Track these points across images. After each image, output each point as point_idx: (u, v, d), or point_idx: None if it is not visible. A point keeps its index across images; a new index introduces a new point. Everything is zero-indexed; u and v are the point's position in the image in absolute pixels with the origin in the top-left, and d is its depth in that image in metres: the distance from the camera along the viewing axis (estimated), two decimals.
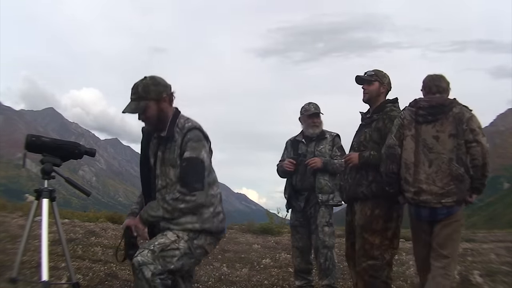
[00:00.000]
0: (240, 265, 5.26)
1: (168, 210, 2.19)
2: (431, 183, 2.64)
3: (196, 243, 2.29)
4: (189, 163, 2.22)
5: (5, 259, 3.99)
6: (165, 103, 2.32)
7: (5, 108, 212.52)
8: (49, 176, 2.29)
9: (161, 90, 2.31)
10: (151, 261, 2.14)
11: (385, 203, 2.88)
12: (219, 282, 4.16)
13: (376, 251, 2.85)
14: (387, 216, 2.88)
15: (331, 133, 3.85)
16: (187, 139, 2.26)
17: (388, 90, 3.12)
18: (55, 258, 4.11)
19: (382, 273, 2.85)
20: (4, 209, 8.92)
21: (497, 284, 4.29)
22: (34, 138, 2.31)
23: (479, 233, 11.89)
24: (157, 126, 2.34)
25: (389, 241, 2.88)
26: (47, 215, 2.20)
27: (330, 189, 3.69)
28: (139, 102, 2.28)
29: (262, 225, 12.31)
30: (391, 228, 2.90)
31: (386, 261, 2.87)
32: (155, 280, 2.13)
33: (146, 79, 2.32)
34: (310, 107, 3.82)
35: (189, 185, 2.19)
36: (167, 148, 2.31)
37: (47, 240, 2.13)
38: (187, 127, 2.30)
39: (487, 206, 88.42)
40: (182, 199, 2.18)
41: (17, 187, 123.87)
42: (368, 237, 2.88)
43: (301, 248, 3.78)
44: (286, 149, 4.01)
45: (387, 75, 3.13)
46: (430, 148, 2.68)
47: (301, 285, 3.76)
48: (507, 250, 6.72)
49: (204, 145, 2.31)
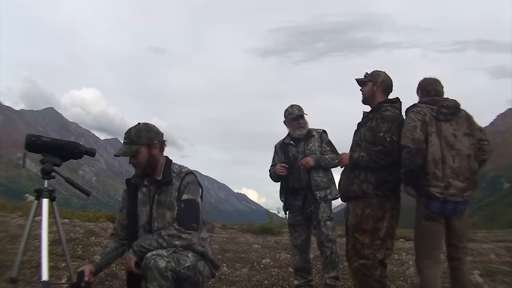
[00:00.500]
0: (240, 265, 5.26)
1: (162, 246, 2.22)
2: (455, 178, 2.79)
3: (199, 266, 2.35)
4: (187, 204, 2.32)
5: (5, 259, 3.99)
6: (155, 150, 2.43)
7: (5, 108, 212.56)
8: (49, 176, 2.29)
9: (153, 137, 2.43)
10: (166, 256, 2.17)
11: (376, 203, 2.87)
12: (219, 282, 4.16)
13: (367, 251, 2.86)
14: (377, 216, 2.86)
15: (317, 130, 3.89)
16: (185, 183, 2.38)
17: (384, 88, 3.07)
18: (55, 258, 4.11)
19: (374, 272, 2.84)
20: (4, 209, 8.93)
21: (497, 284, 4.29)
22: (34, 138, 2.31)
23: (479, 233, 11.88)
24: (146, 171, 2.43)
25: (381, 241, 2.86)
26: (47, 215, 2.20)
27: (326, 184, 3.72)
28: (130, 146, 2.39)
29: (262, 225, 12.31)
30: (383, 228, 2.86)
31: (378, 261, 2.86)
32: (167, 271, 2.13)
33: (140, 125, 2.45)
34: (293, 110, 3.85)
35: (186, 224, 2.26)
36: (163, 191, 2.40)
37: (47, 240, 2.13)
38: (185, 172, 2.44)
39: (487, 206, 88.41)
40: (178, 236, 2.23)
41: (17, 187, 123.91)
42: (359, 237, 2.90)
43: (299, 246, 3.79)
44: (276, 153, 4.02)
45: (383, 73, 3.10)
46: (452, 145, 2.84)
47: (300, 284, 3.76)
48: (507, 250, 6.72)
49: (199, 190, 2.45)
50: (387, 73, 3.13)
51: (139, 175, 2.47)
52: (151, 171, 2.43)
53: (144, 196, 2.45)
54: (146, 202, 2.43)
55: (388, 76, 3.12)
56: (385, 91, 3.09)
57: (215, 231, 12.17)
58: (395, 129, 2.86)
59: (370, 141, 2.93)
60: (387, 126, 2.87)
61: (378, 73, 3.10)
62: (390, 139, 2.83)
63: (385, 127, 2.87)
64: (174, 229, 2.25)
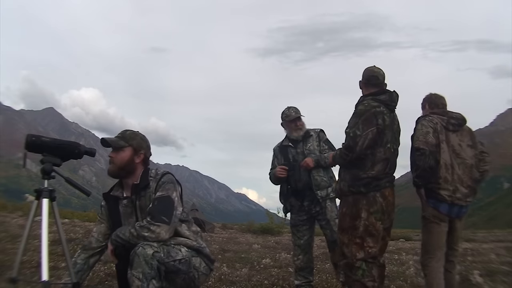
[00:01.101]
0: (240, 265, 5.27)
1: (133, 235, 2.24)
2: (461, 184, 3.02)
3: (194, 261, 2.37)
4: (159, 199, 2.33)
5: (5, 259, 3.99)
6: (138, 158, 2.47)
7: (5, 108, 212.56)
8: (49, 176, 2.28)
9: (143, 147, 2.50)
10: (155, 246, 2.19)
11: (351, 200, 2.87)
12: (219, 282, 4.16)
13: (346, 249, 2.86)
14: (353, 214, 2.84)
15: (315, 130, 3.89)
16: (161, 182, 2.40)
17: (365, 82, 3.04)
18: (55, 258, 4.11)
19: (356, 271, 2.80)
20: (4, 209, 8.93)
21: (497, 284, 4.29)
22: (34, 138, 2.30)
23: (479, 233, 11.89)
24: (119, 172, 2.45)
25: (359, 239, 2.81)
26: (47, 215, 2.19)
27: (327, 183, 3.71)
28: (120, 140, 2.45)
29: (262, 225, 12.32)
30: (360, 226, 2.82)
31: (358, 260, 2.80)
32: (153, 260, 2.14)
33: (138, 132, 2.53)
34: (290, 112, 3.85)
35: (156, 216, 2.26)
36: (142, 195, 2.42)
37: (47, 240, 2.13)
38: (161, 173, 2.47)
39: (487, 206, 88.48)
40: (147, 228, 2.23)
41: (17, 187, 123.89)
42: (339, 235, 2.95)
43: (303, 247, 3.78)
44: (275, 156, 4.01)
45: (368, 67, 3.07)
46: (458, 153, 3.07)
47: (301, 284, 3.76)
48: (507, 250, 6.73)
49: (176, 188, 2.43)
50: (380, 69, 3.06)
51: (111, 173, 2.48)
52: (123, 175, 2.46)
53: (127, 208, 2.46)
54: (131, 213, 2.44)
55: (371, 68, 3.06)
56: (367, 84, 3.05)
57: (215, 231, 12.18)
58: (362, 123, 2.81)
59: (347, 133, 2.96)
60: (354, 121, 2.86)
61: (364, 69, 3.10)
62: (353, 134, 2.81)
63: (352, 122, 2.87)
64: (145, 221, 2.26)
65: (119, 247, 2.27)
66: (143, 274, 2.11)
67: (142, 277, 2.11)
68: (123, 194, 2.49)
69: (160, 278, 2.19)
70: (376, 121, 2.81)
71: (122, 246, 2.27)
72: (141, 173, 2.46)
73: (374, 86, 3.00)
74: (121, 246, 2.27)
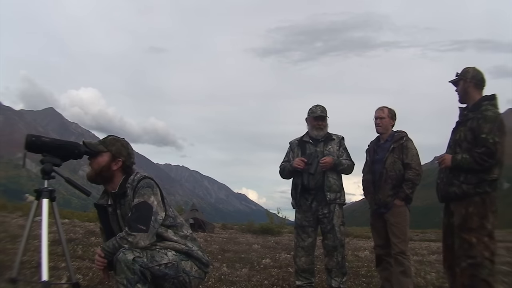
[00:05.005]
0: (240, 265, 5.27)
1: (116, 248, 2.23)
2: None
3: (183, 265, 2.33)
4: (136, 207, 2.28)
5: (5, 259, 3.98)
6: (115, 165, 2.42)
7: (5, 108, 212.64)
8: (49, 176, 2.28)
9: (123, 154, 2.44)
10: (138, 252, 2.18)
11: (478, 200, 2.88)
12: (219, 282, 4.16)
13: (475, 250, 2.83)
14: (481, 213, 2.86)
15: (338, 135, 3.93)
16: (137, 189, 2.34)
17: (475, 83, 3.03)
18: (55, 258, 4.11)
19: (483, 271, 2.80)
20: (4, 209, 8.94)
21: (497, 284, 4.27)
22: (34, 138, 2.30)
23: None
24: (95, 177, 2.43)
25: (488, 237, 2.84)
26: (47, 215, 2.19)
27: (338, 188, 3.73)
28: (99, 145, 2.43)
29: (262, 225, 12.33)
30: (488, 224, 2.85)
31: (485, 259, 2.82)
32: (135, 265, 2.13)
33: (122, 139, 2.50)
34: (316, 109, 3.87)
35: (131, 226, 2.23)
36: (122, 204, 2.40)
37: (47, 240, 2.13)
38: (137, 179, 2.38)
39: None
40: (126, 239, 2.22)
41: (17, 187, 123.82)
42: (465, 236, 2.88)
43: (306, 248, 3.77)
44: (291, 150, 3.98)
45: (472, 68, 3.06)
46: None
47: (302, 285, 3.76)
48: (507, 250, 6.72)
49: (155, 192, 2.35)
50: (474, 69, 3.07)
51: (88, 177, 2.48)
52: (100, 181, 2.44)
53: (113, 216, 2.46)
54: (117, 221, 2.45)
55: (478, 70, 3.07)
56: (477, 86, 3.04)
57: (215, 231, 12.18)
58: (497, 129, 2.84)
59: (471, 142, 2.92)
60: (489, 127, 2.84)
61: (467, 70, 3.08)
62: (493, 140, 2.81)
63: (487, 128, 2.84)
64: (124, 232, 2.25)
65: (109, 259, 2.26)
66: (127, 279, 2.12)
67: (126, 282, 2.12)
68: (108, 202, 2.48)
69: (145, 282, 2.17)
70: (504, 128, 2.86)
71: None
72: (121, 181, 2.42)
73: (482, 89, 3.05)
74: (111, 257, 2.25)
